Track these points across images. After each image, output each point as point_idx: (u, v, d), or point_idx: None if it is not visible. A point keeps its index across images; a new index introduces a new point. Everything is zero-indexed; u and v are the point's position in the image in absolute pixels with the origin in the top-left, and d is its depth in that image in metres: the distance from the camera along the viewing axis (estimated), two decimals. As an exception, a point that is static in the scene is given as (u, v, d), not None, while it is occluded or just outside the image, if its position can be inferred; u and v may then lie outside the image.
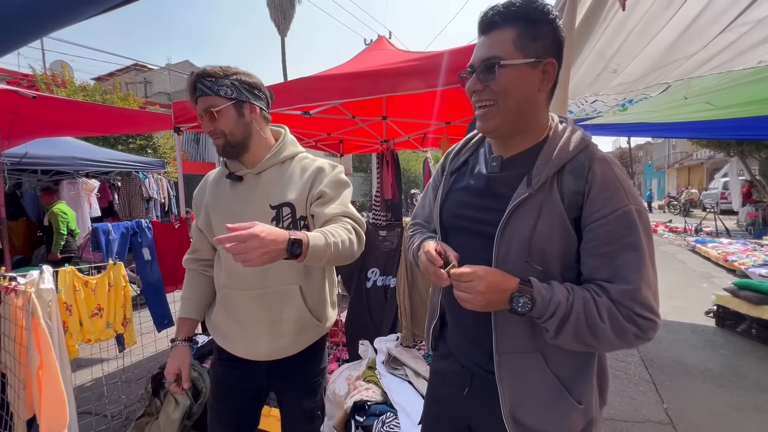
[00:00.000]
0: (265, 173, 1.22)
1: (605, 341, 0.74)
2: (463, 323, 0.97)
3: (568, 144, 0.81)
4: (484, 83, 0.81)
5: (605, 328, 0.73)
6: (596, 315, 0.73)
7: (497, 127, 0.84)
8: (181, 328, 1.31)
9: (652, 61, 2.18)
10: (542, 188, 0.79)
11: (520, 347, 0.84)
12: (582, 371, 0.84)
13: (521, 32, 0.78)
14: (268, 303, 1.21)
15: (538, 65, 0.79)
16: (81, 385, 2.93)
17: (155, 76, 20.55)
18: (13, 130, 3.41)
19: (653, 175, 37.30)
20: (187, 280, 1.36)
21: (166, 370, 1.28)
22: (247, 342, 1.24)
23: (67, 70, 9.58)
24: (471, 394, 0.94)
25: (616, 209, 0.75)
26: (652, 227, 0.81)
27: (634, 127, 5.32)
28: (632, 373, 3.14)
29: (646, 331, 0.74)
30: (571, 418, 0.82)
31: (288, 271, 1.20)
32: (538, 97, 0.82)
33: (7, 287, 1.78)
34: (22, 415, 1.73)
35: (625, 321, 0.73)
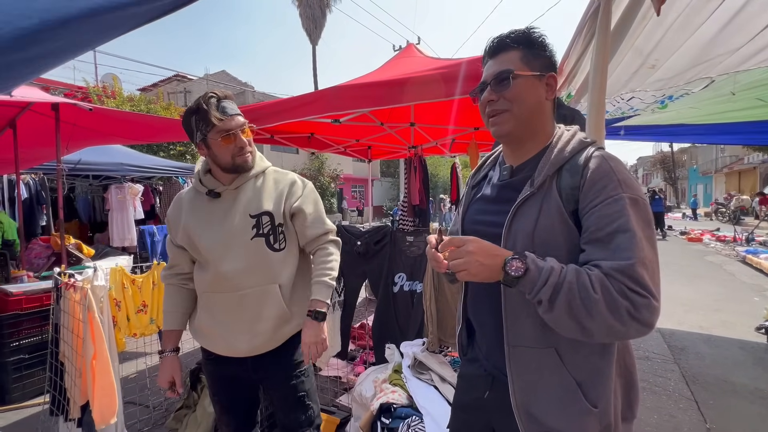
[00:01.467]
0: (242, 187, 1.34)
1: (599, 318, 0.72)
2: (482, 324, 1.01)
3: (566, 146, 0.88)
4: (498, 94, 0.91)
5: (598, 299, 0.72)
6: (589, 286, 0.73)
7: (510, 130, 0.92)
8: (169, 340, 1.40)
9: (694, 56, 2.08)
10: (542, 187, 0.86)
11: (531, 341, 0.86)
12: (600, 374, 0.83)
13: (525, 52, 0.91)
14: (249, 302, 1.31)
15: (543, 78, 0.91)
16: (126, 377, 3.14)
17: (194, 85, 21.67)
18: (71, 139, 3.73)
19: (698, 180, 35.06)
20: (167, 294, 1.44)
21: (160, 380, 1.37)
22: (227, 341, 1.33)
23: (118, 82, 10.29)
24: (492, 398, 0.96)
25: (608, 197, 0.78)
26: (651, 216, 0.81)
27: (677, 130, 5.05)
28: (672, 389, 2.99)
29: (639, 309, 0.71)
30: (586, 421, 0.82)
31: (266, 272, 1.32)
32: (545, 105, 0.93)
33: (67, 283, 1.95)
34: (77, 400, 1.89)
35: (618, 294, 0.71)
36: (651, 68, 2.29)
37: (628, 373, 0.88)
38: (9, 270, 3.45)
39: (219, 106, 1.25)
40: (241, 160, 1.29)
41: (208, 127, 1.24)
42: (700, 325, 4.41)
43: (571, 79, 2.34)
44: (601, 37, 1.41)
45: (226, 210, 1.32)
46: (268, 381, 1.41)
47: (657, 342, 3.91)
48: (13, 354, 2.85)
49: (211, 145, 1.27)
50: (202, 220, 1.32)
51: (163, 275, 1.45)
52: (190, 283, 1.43)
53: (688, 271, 7.33)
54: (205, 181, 1.34)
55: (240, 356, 1.34)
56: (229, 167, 1.30)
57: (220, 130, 1.24)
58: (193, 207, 1.35)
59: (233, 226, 1.29)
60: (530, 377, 0.86)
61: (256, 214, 1.31)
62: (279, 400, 1.42)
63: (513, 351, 0.87)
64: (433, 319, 2.25)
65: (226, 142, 1.25)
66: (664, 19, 1.62)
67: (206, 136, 1.25)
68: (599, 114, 1.44)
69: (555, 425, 0.84)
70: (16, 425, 2.58)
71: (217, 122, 1.23)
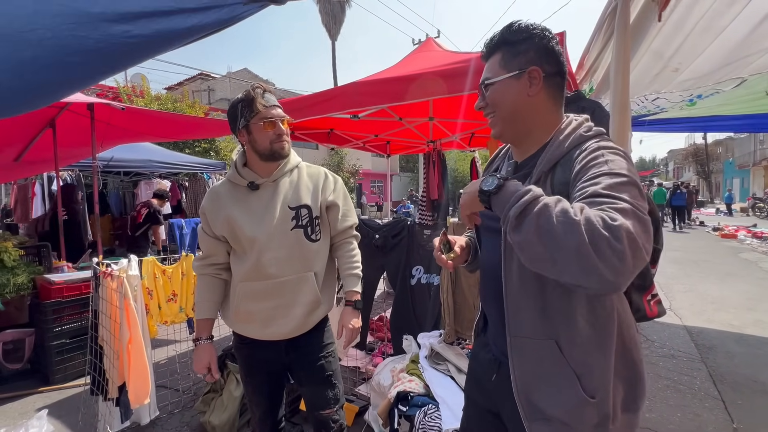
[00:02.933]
0: (280, 180, 1.43)
1: (572, 243, 0.63)
2: (489, 312, 1.06)
3: (565, 140, 0.88)
4: (484, 100, 0.97)
5: (578, 220, 0.64)
6: (569, 209, 0.66)
7: (501, 131, 0.97)
8: (204, 328, 1.46)
9: (721, 57, 2.01)
10: (538, 183, 0.87)
11: (532, 332, 0.88)
12: (598, 366, 0.84)
13: (504, 53, 0.93)
14: (287, 289, 1.39)
15: (522, 75, 0.90)
16: (157, 362, 3.31)
17: (217, 83, 22.19)
18: (105, 137, 3.93)
19: (734, 173, 33.26)
20: (201, 284, 1.49)
21: (197, 366, 1.44)
22: (265, 326, 1.41)
23: (146, 82, 10.67)
24: (497, 382, 1.00)
25: (591, 176, 0.75)
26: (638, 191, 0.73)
27: (710, 120, 4.81)
28: (697, 388, 2.91)
29: (620, 239, 0.61)
30: (583, 410, 0.84)
31: (304, 261, 1.42)
32: (531, 101, 0.91)
33: (104, 272, 2.09)
34: (115, 381, 2.03)
35: (599, 225, 0.63)
36: (675, 71, 2.22)
37: (634, 367, 0.89)
38: (51, 260, 3.69)
39: (264, 95, 1.37)
40: (278, 146, 1.37)
41: (253, 113, 1.34)
42: (731, 323, 4.24)
43: (593, 73, 2.30)
44: (619, 36, 1.38)
45: (267, 202, 1.39)
46: (299, 361, 1.48)
47: (683, 340, 3.79)
48: (55, 338, 3.06)
49: (252, 130, 1.36)
50: (244, 211, 1.38)
51: (197, 266, 1.50)
52: (223, 273, 1.48)
53: (720, 269, 7.03)
54: (244, 174, 1.42)
55: (276, 339, 1.42)
56: (267, 152, 1.37)
57: (263, 117, 1.34)
58: (233, 199, 1.41)
59: (275, 217, 1.37)
60: (531, 366, 0.89)
61: (296, 207, 1.40)
62: (308, 378, 1.49)
63: (514, 341, 0.91)
64: (450, 311, 2.28)
65: (267, 127, 1.35)
66: (683, 24, 1.58)
67: (249, 121, 1.35)
68: (623, 115, 1.41)
69: (554, 413, 0.86)
70: (60, 404, 2.78)
71: (262, 108, 1.34)
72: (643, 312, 1.01)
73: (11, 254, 3.18)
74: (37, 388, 2.99)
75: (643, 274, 1.00)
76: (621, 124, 1.38)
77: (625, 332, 0.87)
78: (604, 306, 0.85)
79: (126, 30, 1.06)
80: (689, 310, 4.73)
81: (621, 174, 0.73)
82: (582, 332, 0.84)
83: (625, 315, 0.90)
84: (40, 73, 1.02)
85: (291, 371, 1.53)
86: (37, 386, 3.02)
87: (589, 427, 0.84)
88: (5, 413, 2.70)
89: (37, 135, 3.83)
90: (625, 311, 0.90)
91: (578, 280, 0.66)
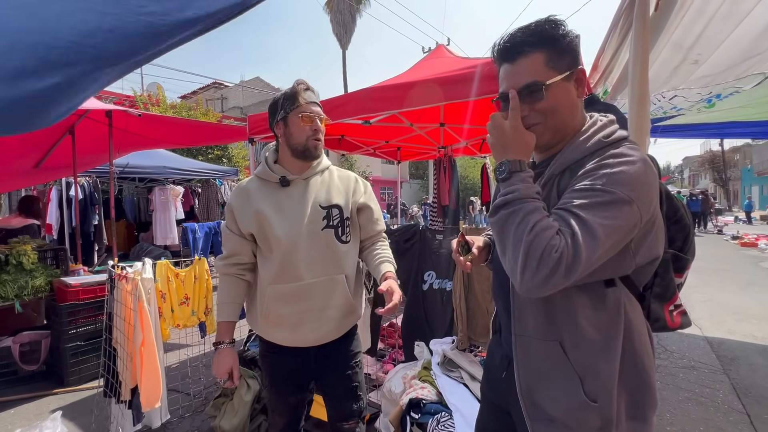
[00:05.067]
0: (311, 179, 1.40)
1: (513, 253, 0.76)
2: (500, 310, 1.05)
3: (581, 145, 0.84)
4: (530, 106, 0.85)
5: (526, 240, 0.73)
6: (528, 224, 0.74)
7: (547, 142, 0.89)
8: (225, 332, 1.40)
9: (743, 49, 1.92)
10: (545, 187, 0.86)
11: (535, 332, 0.88)
12: (601, 371, 0.83)
13: (550, 53, 0.83)
14: (318, 292, 1.34)
15: (572, 77, 0.85)
16: (169, 366, 3.33)
17: (230, 92, 22.62)
18: (122, 144, 4.02)
19: (753, 181, 32.42)
20: (223, 285, 1.43)
21: (218, 371, 1.37)
22: (295, 331, 1.35)
23: (161, 91, 10.93)
24: (507, 378, 0.99)
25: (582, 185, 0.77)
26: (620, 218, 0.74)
27: (727, 126, 4.70)
28: (720, 401, 2.80)
29: (547, 265, 0.71)
30: (585, 413, 0.82)
31: (335, 262, 1.36)
32: (578, 104, 0.88)
33: (119, 275, 2.11)
34: (128, 383, 2.03)
35: (541, 251, 0.72)
36: (694, 63, 2.15)
37: (643, 374, 0.86)
38: (68, 264, 3.76)
39: (307, 92, 1.36)
40: (312, 144, 1.35)
41: (293, 106, 1.33)
42: (754, 335, 4.09)
43: (607, 75, 2.27)
44: (638, 27, 1.36)
45: (297, 199, 1.36)
46: (327, 370, 1.44)
47: (704, 351, 3.67)
48: (71, 341, 3.10)
49: (290, 123, 1.34)
50: (273, 208, 1.34)
51: (220, 265, 1.44)
52: (247, 274, 1.43)
53: (740, 278, 6.81)
54: (275, 170, 1.39)
55: (306, 346, 1.38)
56: (300, 148, 1.35)
57: (302, 111, 1.33)
58: (262, 195, 1.37)
59: (305, 216, 1.33)
60: (534, 366, 0.88)
61: (327, 206, 1.36)
62: (333, 388, 1.46)
63: (518, 340, 0.90)
64: (462, 317, 2.25)
65: (304, 122, 1.33)
66: (705, 7, 1.52)
67: (288, 114, 1.34)
68: (642, 108, 1.37)
69: (556, 414, 0.85)
70: (73, 406, 2.81)
71: (303, 102, 1.33)
72: (663, 322, 0.99)
73: (30, 257, 3.25)
74: (52, 390, 3.03)
75: (664, 283, 0.98)
76: (639, 121, 1.34)
77: (635, 339, 0.85)
78: (607, 310, 0.83)
79: (141, 4, 1.03)
80: (709, 320, 4.58)
81: (607, 191, 0.73)
82: (586, 335, 0.83)
83: (637, 322, 0.87)
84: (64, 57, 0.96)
85: (317, 379, 1.48)
86: (52, 388, 3.06)
87: (591, 431, 0.83)
88: (21, 414, 2.74)
89: (57, 142, 3.94)
90: (637, 318, 0.88)
91: (509, 274, 0.80)
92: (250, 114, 3.65)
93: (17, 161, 3.95)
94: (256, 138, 3.58)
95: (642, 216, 0.75)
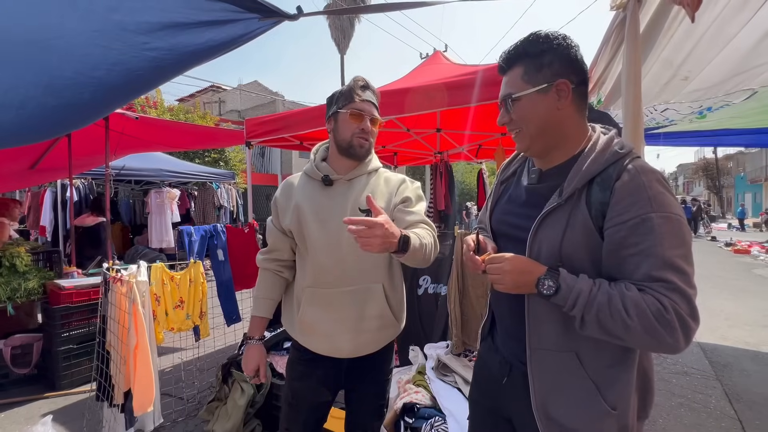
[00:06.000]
0: (355, 180, 1.33)
1: (636, 337, 0.75)
2: (503, 319, 1.04)
3: (600, 156, 0.85)
4: (508, 115, 0.95)
5: (632, 325, 0.74)
6: (622, 309, 0.74)
7: (528, 146, 0.95)
8: (257, 327, 1.37)
9: (731, 67, 1.99)
10: (571, 199, 0.86)
11: (553, 345, 0.88)
12: (620, 379, 0.85)
13: (527, 66, 0.90)
14: (354, 300, 1.27)
15: (550, 89, 0.88)
16: (162, 370, 3.30)
17: (228, 95, 22.62)
18: (119, 146, 4.02)
19: (746, 188, 32.76)
20: (261, 279, 1.40)
21: (247, 367, 1.34)
22: (331, 340, 1.28)
23: (159, 93, 10.93)
24: (508, 384, 0.99)
25: (636, 216, 0.77)
26: (686, 233, 0.79)
27: (720, 134, 4.77)
28: (713, 407, 2.82)
29: (675, 330, 0.72)
30: (604, 422, 0.84)
31: (372, 270, 1.29)
32: (559, 115, 0.89)
33: (114, 277, 2.11)
34: (121, 387, 2.02)
35: (654, 318, 0.72)
36: (684, 80, 2.19)
37: (645, 377, 0.90)
38: (62, 266, 3.74)
39: (364, 89, 1.31)
40: (358, 142, 1.29)
41: (346, 101, 1.29)
42: (746, 341, 4.13)
43: (601, 85, 2.30)
44: (630, 45, 1.38)
45: (337, 201, 1.30)
46: (357, 384, 1.38)
47: (697, 357, 3.70)
48: (63, 344, 3.08)
49: (339, 119, 1.30)
50: (312, 206, 1.30)
51: (260, 259, 1.41)
52: (285, 271, 1.40)
53: (733, 285, 6.88)
54: (321, 168, 1.34)
55: (340, 357, 1.31)
56: (346, 145, 1.30)
57: (353, 107, 1.28)
58: (304, 191, 1.33)
59: (343, 216, 1.23)
60: (551, 378, 0.88)
61: (366, 209, 1.26)
62: (360, 403, 1.41)
63: (534, 354, 0.90)
64: (457, 321, 2.25)
65: (353, 119, 1.28)
66: (693, 30, 1.57)
67: (339, 109, 1.29)
68: (636, 124, 1.40)
69: (574, 426, 0.85)
70: (65, 410, 2.78)
71: (357, 99, 1.28)
72: None
73: (23, 259, 3.23)
74: (43, 394, 3.00)
75: None
76: (634, 134, 1.37)
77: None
78: None
79: (145, 42, 1.10)
80: (702, 326, 4.51)
81: (674, 235, 0.76)
82: (602, 344, 0.83)
83: None
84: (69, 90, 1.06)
85: (348, 391, 1.43)
86: (44, 391, 3.03)
87: None
88: (11, 418, 2.70)
89: (53, 143, 3.93)
90: None
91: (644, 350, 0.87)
92: (248, 117, 3.67)
93: (12, 162, 3.94)
94: (253, 141, 3.60)
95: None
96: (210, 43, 1.31)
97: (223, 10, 1.28)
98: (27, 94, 1.08)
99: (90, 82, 1.10)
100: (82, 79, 1.09)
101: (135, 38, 1.11)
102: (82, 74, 1.07)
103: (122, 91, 1.27)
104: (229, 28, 1.38)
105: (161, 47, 1.17)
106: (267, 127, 3.41)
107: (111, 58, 1.09)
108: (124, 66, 1.14)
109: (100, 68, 1.07)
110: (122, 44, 1.06)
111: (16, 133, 1.17)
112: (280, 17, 1.46)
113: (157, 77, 1.24)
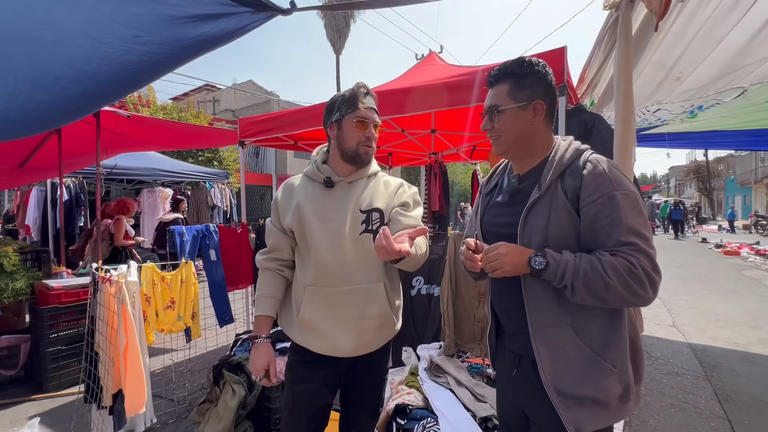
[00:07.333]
0: (356, 183, 1.37)
1: (615, 294, 0.90)
2: (508, 311, 1.14)
3: (565, 154, 1.04)
4: (491, 123, 1.10)
5: (611, 282, 0.88)
6: (601, 270, 0.90)
7: (503, 152, 1.12)
8: (263, 326, 1.35)
9: (722, 66, 2.03)
10: (549, 189, 1.02)
11: (551, 321, 1.00)
12: (612, 340, 0.98)
13: (513, 85, 1.06)
14: (355, 299, 1.29)
15: (528, 107, 1.05)
16: (153, 371, 3.26)
17: (222, 95, 22.48)
18: (110, 145, 3.97)
19: (736, 191, 33.22)
20: (263, 279, 1.40)
21: (255, 367, 1.30)
22: (331, 339, 1.29)
23: (152, 92, 10.83)
24: (518, 375, 1.10)
25: (603, 194, 0.94)
26: (641, 205, 0.97)
27: (712, 136, 4.84)
28: (702, 407, 2.84)
29: (644, 281, 0.88)
30: (609, 381, 0.95)
31: (373, 270, 1.31)
32: (532, 128, 1.07)
33: (103, 277, 2.08)
34: (110, 388, 1.99)
35: (627, 274, 0.88)
36: (676, 80, 2.24)
37: (633, 343, 1.02)
38: (51, 266, 3.68)
39: (366, 96, 1.34)
40: (363, 150, 1.33)
41: (350, 109, 1.31)
42: (736, 341, 4.18)
43: (594, 87, 2.32)
44: (621, 47, 1.40)
45: (338, 202, 1.33)
46: (356, 384, 1.40)
47: (687, 358, 3.73)
48: (51, 345, 3.03)
49: (343, 127, 1.32)
50: (314, 207, 1.32)
51: (260, 259, 1.42)
52: (286, 270, 1.41)
53: (723, 286, 6.96)
54: (322, 170, 1.36)
55: (340, 356, 1.31)
56: (351, 153, 1.33)
57: (358, 115, 1.31)
58: (306, 192, 1.36)
59: (344, 219, 1.29)
60: (554, 353, 0.99)
61: (367, 210, 1.32)
62: (357, 403, 1.42)
63: (537, 333, 1.01)
64: (450, 323, 2.25)
65: (359, 127, 1.31)
66: (684, 32, 1.60)
67: (343, 117, 1.32)
68: (628, 127, 1.42)
69: (583, 392, 0.96)
70: (52, 412, 2.74)
71: (361, 107, 1.31)
72: None
73: (11, 259, 3.18)
74: (30, 396, 2.95)
75: None
76: (625, 136, 1.39)
77: (628, 310, 1.03)
78: None
79: (136, 35, 1.07)
80: (693, 326, 4.67)
81: (633, 207, 0.93)
82: (592, 314, 0.97)
83: None
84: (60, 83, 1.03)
85: (345, 390, 1.43)
86: (31, 394, 2.98)
87: (615, 398, 0.96)
88: (-3, 421, 2.66)
89: (42, 141, 3.87)
90: None
91: (623, 306, 0.98)
92: (242, 117, 3.64)
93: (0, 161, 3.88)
94: (246, 141, 3.57)
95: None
96: (202, 37, 1.29)
97: (216, 3, 1.26)
98: (16, 86, 1.06)
99: (80, 76, 1.08)
100: (71, 73, 1.06)
101: (126, 31, 1.09)
102: (71, 68, 1.05)
103: (113, 85, 1.24)
104: (221, 22, 1.36)
105: (153, 41, 1.15)
106: (261, 127, 3.39)
107: (101, 52, 1.07)
108: (115, 60, 1.12)
109: (90, 62, 1.05)
110: (112, 37, 1.04)
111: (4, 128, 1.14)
112: (273, 11, 1.45)
113: (149, 72, 1.21)
